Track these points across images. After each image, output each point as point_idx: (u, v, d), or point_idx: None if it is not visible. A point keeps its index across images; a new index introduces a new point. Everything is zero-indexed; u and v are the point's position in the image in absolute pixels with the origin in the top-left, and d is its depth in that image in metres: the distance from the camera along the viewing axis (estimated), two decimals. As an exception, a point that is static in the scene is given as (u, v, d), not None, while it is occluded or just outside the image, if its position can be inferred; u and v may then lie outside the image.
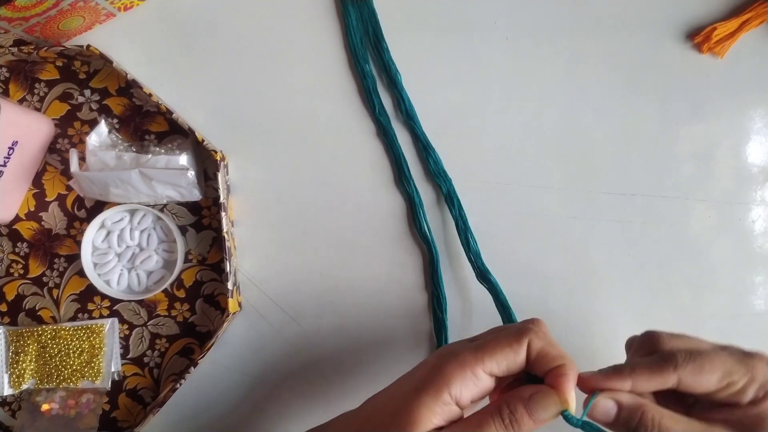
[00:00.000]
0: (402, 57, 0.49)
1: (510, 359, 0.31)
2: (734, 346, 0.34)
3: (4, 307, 0.49)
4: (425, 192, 0.49)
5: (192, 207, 0.49)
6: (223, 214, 0.46)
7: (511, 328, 0.33)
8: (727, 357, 0.33)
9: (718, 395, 0.32)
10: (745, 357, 0.33)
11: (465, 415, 0.32)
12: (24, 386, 0.48)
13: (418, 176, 0.49)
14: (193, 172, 0.46)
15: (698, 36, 0.48)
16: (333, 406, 0.48)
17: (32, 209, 0.49)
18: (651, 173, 0.49)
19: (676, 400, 0.34)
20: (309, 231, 0.49)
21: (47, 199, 0.49)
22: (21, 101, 0.50)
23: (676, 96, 0.49)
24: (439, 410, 0.30)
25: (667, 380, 0.32)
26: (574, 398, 0.31)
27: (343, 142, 0.49)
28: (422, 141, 0.49)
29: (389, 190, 0.49)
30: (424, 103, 0.49)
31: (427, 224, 0.48)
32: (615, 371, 0.33)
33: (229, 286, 0.46)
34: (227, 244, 0.46)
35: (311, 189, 0.49)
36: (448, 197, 0.48)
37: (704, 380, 0.32)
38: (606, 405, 0.31)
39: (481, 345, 0.32)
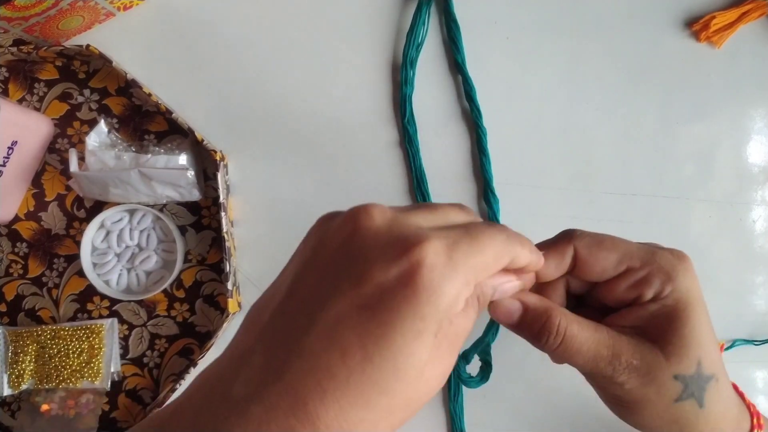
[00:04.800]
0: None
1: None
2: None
3: (3, 308, 0.49)
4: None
5: (191, 207, 0.49)
6: (222, 214, 0.46)
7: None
8: (628, 241, 0.30)
9: (620, 287, 0.30)
10: (648, 245, 0.30)
11: None
12: (23, 386, 0.48)
13: (435, 188, 0.49)
14: (192, 172, 0.46)
15: (697, 24, 0.48)
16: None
17: (31, 209, 0.49)
18: (651, 173, 0.49)
19: (589, 313, 0.31)
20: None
21: (46, 199, 0.49)
22: (20, 101, 0.49)
23: (676, 95, 0.49)
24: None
25: (564, 253, 0.29)
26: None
27: (357, 146, 0.49)
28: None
29: (402, 199, 0.49)
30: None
31: None
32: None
33: (229, 286, 0.46)
34: (227, 244, 0.45)
35: (312, 189, 0.49)
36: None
37: (602, 257, 0.29)
38: (510, 306, 0.28)
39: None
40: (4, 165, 0.45)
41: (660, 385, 0.28)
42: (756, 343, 0.47)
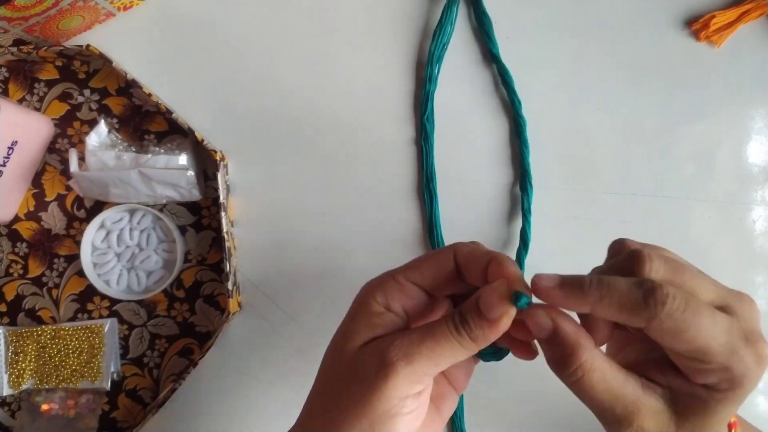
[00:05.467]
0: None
1: (434, 268, 0.30)
2: (741, 301, 0.27)
3: (3, 308, 0.49)
4: (447, 204, 0.48)
5: (191, 207, 0.49)
6: (222, 214, 0.46)
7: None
8: (723, 332, 0.25)
9: (678, 357, 0.27)
10: (746, 343, 0.25)
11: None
12: (23, 386, 0.48)
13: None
14: (192, 172, 0.46)
15: (696, 23, 0.48)
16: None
17: (32, 209, 0.49)
18: (652, 173, 0.49)
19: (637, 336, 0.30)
20: (309, 231, 0.49)
21: (47, 199, 0.49)
22: (20, 101, 0.49)
23: (676, 95, 0.49)
24: (373, 321, 0.29)
25: (636, 322, 0.25)
26: (520, 277, 0.28)
27: (359, 145, 0.49)
28: None
29: (408, 197, 0.49)
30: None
31: (441, 237, 0.48)
32: (580, 289, 0.26)
33: (229, 286, 0.46)
34: (227, 244, 0.45)
35: (313, 189, 0.49)
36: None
37: (675, 344, 0.25)
38: (542, 322, 0.27)
39: (402, 265, 0.31)
40: (4, 165, 0.45)
41: None
42: None
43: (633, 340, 0.31)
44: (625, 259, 0.28)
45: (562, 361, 0.27)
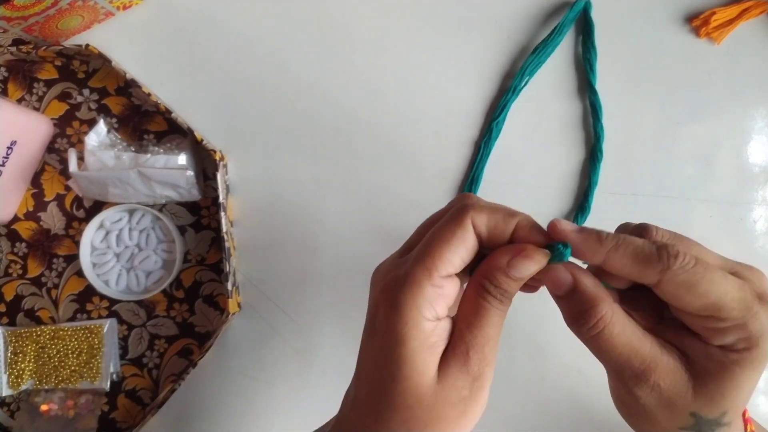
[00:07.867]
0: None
1: (461, 251, 0.27)
2: (750, 270, 0.27)
3: (2, 308, 0.49)
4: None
5: (191, 207, 0.49)
6: (222, 214, 0.45)
7: (445, 215, 0.28)
8: (727, 286, 0.25)
9: (694, 321, 0.26)
10: (760, 301, 0.25)
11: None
12: (23, 387, 0.48)
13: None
14: (192, 172, 0.46)
15: (697, 19, 0.48)
16: (333, 406, 0.48)
17: (31, 209, 0.49)
18: (652, 173, 0.48)
19: (647, 302, 0.29)
20: (309, 231, 0.49)
21: (46, 199, 0.49)
22: (20, 101, 0.49)
23: (676, 94, 0.49)
24: (431, 341, 0.26)
25: (648, 275, 0.26)
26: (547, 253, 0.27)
27: (359, 145, 0.49)
28: None
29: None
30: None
31: None
32: (597, 237, 0.27)
33: (229, 286, 0.46)
34: (226, 244, 0.45)
35: (312, 189, 0.49)
36: None
37: (689, 299, 0.25)
38: (562, 277, 0.27)
39: (422, 252, 0.27)
40: (3, 165, 0.45)
41: (674, 413, 0.27)
42: None
43: (643, 305, 0.29)
44: (633, 229, 0.29)
45: (582, 316, 0.26)
